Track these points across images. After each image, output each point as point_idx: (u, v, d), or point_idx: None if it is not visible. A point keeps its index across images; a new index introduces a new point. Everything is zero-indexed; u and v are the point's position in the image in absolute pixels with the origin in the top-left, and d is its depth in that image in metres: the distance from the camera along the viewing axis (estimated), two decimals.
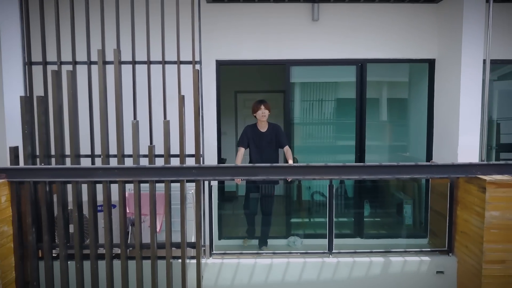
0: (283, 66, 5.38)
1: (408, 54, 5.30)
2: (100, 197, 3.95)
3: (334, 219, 4.28)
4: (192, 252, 4.07)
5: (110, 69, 4.16)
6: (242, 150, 4.87)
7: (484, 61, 4.48)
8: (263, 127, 4.89)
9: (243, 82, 8.02)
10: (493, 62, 4.92)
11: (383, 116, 5.85)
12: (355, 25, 5.27)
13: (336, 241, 4.33)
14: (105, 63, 3.88)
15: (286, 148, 4.88)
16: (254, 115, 4.90)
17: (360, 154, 5.49)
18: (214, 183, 4.60)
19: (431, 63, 5.32)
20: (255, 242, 5.03)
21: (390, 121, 5.84)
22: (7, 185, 3.61)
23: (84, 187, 3.90)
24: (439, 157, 5.21)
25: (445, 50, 5.08)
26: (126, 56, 4.11)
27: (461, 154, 4.61)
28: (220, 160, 5.53)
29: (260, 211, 5.06)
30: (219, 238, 5.03)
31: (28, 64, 4.15)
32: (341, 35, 5.27)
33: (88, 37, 4.02)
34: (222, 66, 5.29)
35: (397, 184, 5.77)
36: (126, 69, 4.08)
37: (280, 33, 5.24)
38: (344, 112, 5.72)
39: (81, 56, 4.19)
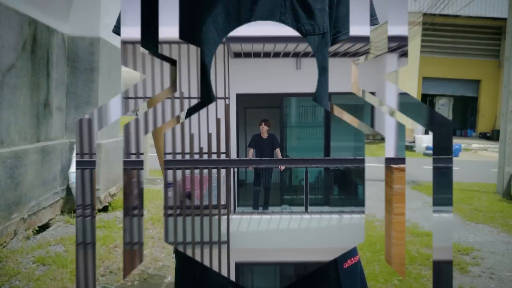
0: (278, 97, 7.28)
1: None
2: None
3: (313, 197, 6.12)
4: (223, 211, 5.98)
5: None
6: (251, 150, 6.78)
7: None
8: (264, 135, 6.79)
9: (250, 100, 9.91)
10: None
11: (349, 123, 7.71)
12: None
13: (311, 208, 6.22)
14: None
15: (277, 150, 6.77)
16: (260, 127, 6.78)
17: (326, 152, 7.37)
18: (235, 170, 6.50)
19: (373, 93, 7.23)
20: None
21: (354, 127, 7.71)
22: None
23: None
24: None
25: (380, 86, 7.00)
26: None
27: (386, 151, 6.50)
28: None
29: (262, 190, 6.96)
30: (237, 206, 6.92)
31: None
32: (315, 77, 7.17)
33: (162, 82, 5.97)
34: (240, 97, 7.20)
35: (356, 173, 7.65)
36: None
37: (276, 76, 7.14)
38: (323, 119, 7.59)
39: None
